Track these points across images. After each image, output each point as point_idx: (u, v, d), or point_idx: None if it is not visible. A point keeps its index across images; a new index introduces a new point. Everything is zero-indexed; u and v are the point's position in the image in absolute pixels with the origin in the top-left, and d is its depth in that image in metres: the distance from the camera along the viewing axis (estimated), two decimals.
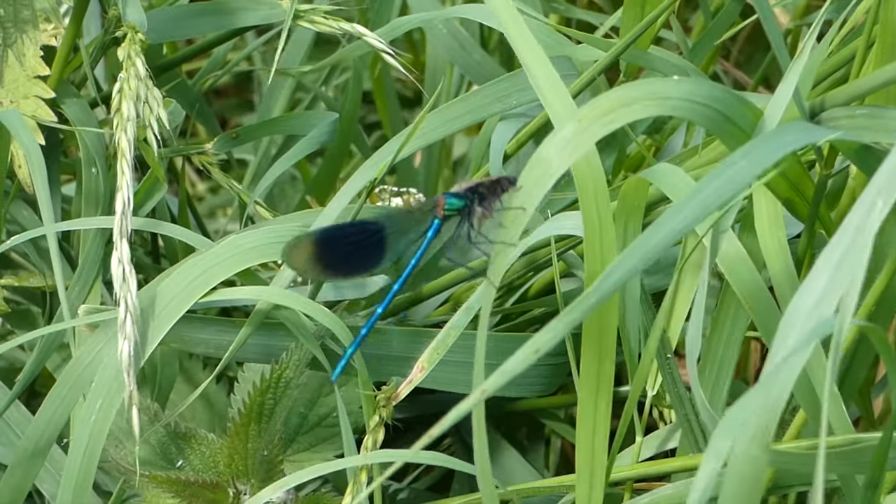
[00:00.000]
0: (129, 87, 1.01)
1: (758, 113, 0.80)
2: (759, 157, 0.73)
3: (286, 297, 0.97)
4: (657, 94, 0.76)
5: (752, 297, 0.84)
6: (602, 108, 0.76)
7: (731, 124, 0.80)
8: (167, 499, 1.02)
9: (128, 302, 0.95)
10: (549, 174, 0.76)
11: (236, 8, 1.14)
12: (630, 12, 1.01)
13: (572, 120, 0.75)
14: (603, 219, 0.80)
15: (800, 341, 0.65)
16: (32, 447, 0.98)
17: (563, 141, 0.76)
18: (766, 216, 0.84)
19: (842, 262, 0.66)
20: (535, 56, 0.85)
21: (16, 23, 1.08)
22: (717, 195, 0.72)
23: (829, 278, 0.66)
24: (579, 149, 0.75)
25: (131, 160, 0.98)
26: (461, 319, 0.96)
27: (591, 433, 0.84)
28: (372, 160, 1.01)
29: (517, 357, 0.70)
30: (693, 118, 0.78)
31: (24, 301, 1.23)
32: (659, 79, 0.77)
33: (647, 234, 0.72)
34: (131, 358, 0.94)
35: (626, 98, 0.76)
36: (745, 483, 0.67)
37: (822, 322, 0.65)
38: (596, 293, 0.71)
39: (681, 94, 0.77)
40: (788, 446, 0.88)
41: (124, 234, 0.96)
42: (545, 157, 0.76)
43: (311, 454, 1.08)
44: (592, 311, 0.72)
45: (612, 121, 0.75)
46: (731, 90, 0.80)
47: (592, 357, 0.83)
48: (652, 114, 0.76)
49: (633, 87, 0.76)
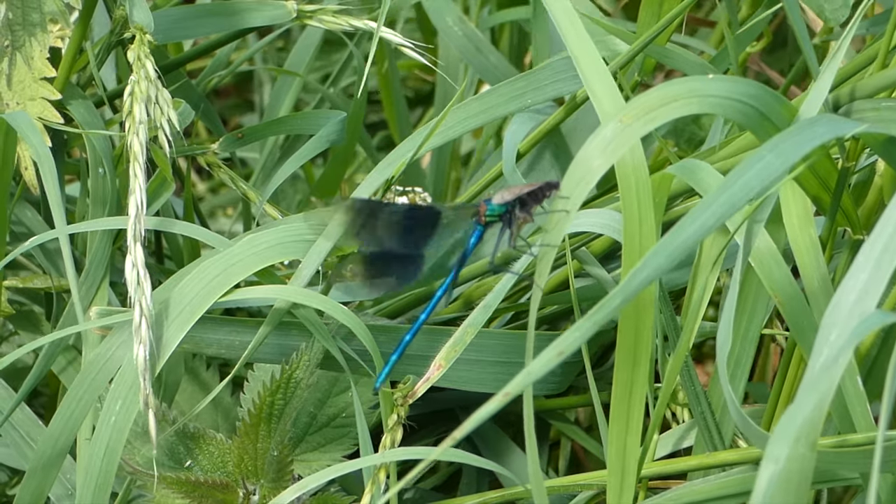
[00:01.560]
0: (139, 90, 1.01)
1: (793, 110, 0.80)
2: (787, 150, 0.73)
3: (307, 297, 0.97)
4: (697, 92, 0.76)
5: (781, 291, 0.84)
6: (643, 107, 0.76)
7: (767, 121, 0.80)
8: (176, 499, 1.02)
9: (143, 305, 0.94)
10: (591, 173, 0.76)
11: (242, 9, 1.14)
12: (647, 9, 1.01)
13: (614, 120, 0.75)
14: (644, 216, 0.80)
15: (843, 338, 0.65)
16: (49, 452, 0.98)
17: (605, 141, 0.76)
18: (796, 212, 0.84)
19: (882, 257, 0.66)
20: (586, 52, 0.84)
21: (24, 25, 1.08)
22: (745, 190, 0.72)
23: (870, 274, 0.66)
24: (621, 148, 0.75)
25: (143, 163, 0.98)
26: (479, 317, 0.96)
27: (624, 432, 0.83)
28: (388, 160, 1.01)
29: (542, 358, 0.69)
30: (731, 115, 0.78)
31: (27, 302, 1.23)
32: (698, 77, 0.77)
33: (673, 232, 0.72)
34: (147, 362, 0.93)
35: (666, 96, 0.76)
36: (794, 482, 0.66)
37: (865, 319, 0.65)
38: (622, 293, 0.71)
39: (720, 91, 0.77)
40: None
41: (138, 237, 0.96)
42: (587, 157, 0.76)
43: (319, 454, 1.08)
44: (629, 310, 0.72)
45: (652, 119, 0.75)
46: (768, 88, 0.80)
47: (627, 356, 0.82)
48: (692, 112, 0.76)
49: (673, 86, 0.77)
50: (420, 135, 1.00)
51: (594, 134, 0.77)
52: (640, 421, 0.83)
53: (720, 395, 0.98)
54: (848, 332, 0.66)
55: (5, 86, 1.08)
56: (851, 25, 0.83)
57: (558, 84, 1.08)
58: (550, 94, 1.07)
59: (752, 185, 0.72)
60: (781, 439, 0.64)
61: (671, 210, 1.00)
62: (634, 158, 0.79)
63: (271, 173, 1.37)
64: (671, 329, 0.94)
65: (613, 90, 0.85)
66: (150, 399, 0.94)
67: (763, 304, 0.95)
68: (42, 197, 1.16)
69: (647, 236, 0.80)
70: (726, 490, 0.93)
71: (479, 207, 0.93)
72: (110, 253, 1.09)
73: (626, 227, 0.80)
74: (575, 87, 1.08)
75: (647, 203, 0.80)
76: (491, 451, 1.18)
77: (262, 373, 1.08)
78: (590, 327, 0.70)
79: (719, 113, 0.78)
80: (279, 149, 1.38)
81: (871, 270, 0.66)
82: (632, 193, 0.80)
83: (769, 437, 0.65)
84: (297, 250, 0.98)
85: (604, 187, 1.15)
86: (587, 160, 0.77)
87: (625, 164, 0.80)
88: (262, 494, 1.02)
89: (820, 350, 0.67)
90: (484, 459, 0.93)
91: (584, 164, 0.77)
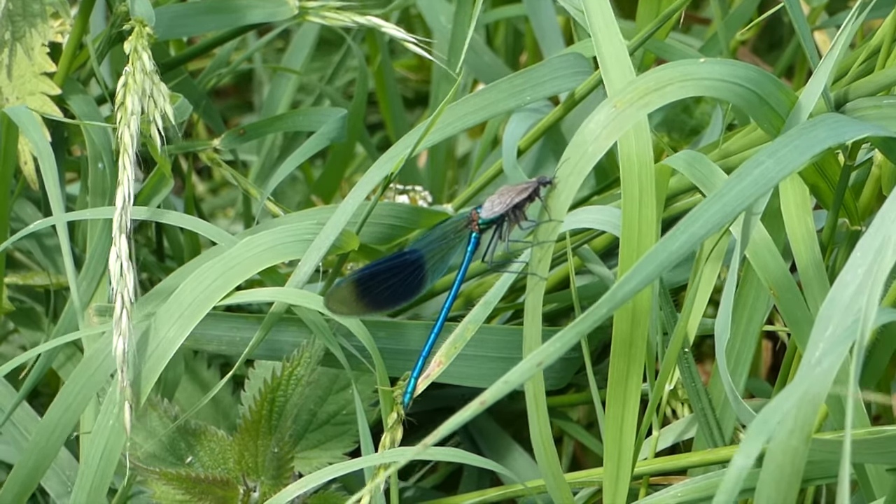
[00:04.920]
0: (134, 81, 1.01)
1: (792, 97, 0.80)
2: (786, 156, 0.73)
3: (306, 298, 0.97)
4: (692, 76, 0.76)
5: (777, 284, 0.84)
6: (637, 91, 0.75)
7: (766, 106, 0.79)
8: (177, 495, 1.02)
9: (124, 297, 0.94)
10: (586, 159, 0.76)
11: (243, 5, 1.14)
12: (646, 4, 1.01)
13: (607, 105, 0.75)
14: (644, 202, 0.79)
15: (838, 334, 0.64)
16: (43, 443, 0.98)
17: (599, 125, 0.75)
18: (794, 201, 0.84)
19: (879, 254, 0.65)
20: (609, 34, 0.83)
21: (25, 16, 1.08)
22: (741, 198, 0.72)
23: (867, 270, 0.66)
24: (615, 133, 0.75)
25: (133, 155, 0.98)
26: (479, 314, 0.96)
27: (619, 430, 0.83)
28: (386, 156, 1.01)
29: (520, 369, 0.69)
30: (729, 98, 0.78)
31: (27, 300, 1.22)
32: (692, 60, 0.77)
33: (670, 235, 0.71)
34: (125, 354, 0.93)
35: (660, 80, 0.76)
36: (784, 475, 0.66)
37: (862, 316, 0.65)
38: (620, 291, 0.71)
39: (716, 74, 0.77)
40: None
41: (124, 229, 0.96)
42: (581, 142, 0.76)
43: (320, 451, 1.08)
44: (624, 308, 0.72)
45: (647, 104, 0.75)
46: (766, 72, 0.79)
47: (622, 354, 0.82)
48: (688, 94, 0.75)
49: (667, 69, 0.76)
50: (418, 132, 1.00)
51: (588, 119, 0.76)
52: (636, 410, 0.83)
53: (720, 393, 0.98)
54: (844, 327, 0.65)
55: (6, 79, 1.08)
56: (852, 15, 0.83)
57: (557, 81, 1.08)
58: (549, 90, 1.06)
59: (749, 193, 0.72)
60: (756, 436, 0.64)
61: (669, 207, 1.00)
62: (639, 143, 0.79)
63: (270, 174, 1.37)
64: (671, 325, 0.94)
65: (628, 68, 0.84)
66: (128, 391, 0.94)
67: (763, 301, 0.95)
68: (42, 193, 1.16)
69: (647, 227, 0.80)
70: None
71: (471, 216, 0.93)
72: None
73: (625, 214, 0.80)
74: (573, 84, 1.08)
75: (650, 189, 0.80)
76: (491, 450, 1.18)
77: (262, 370, 1.08)
78: (589, 323, 0.70)
79: (717, 96, 0.77)
80: (277, 149, 1.38)
81: (869, 264, 0.66)
82: (634, 179, 0.79)
83: (747, 433, 0.65)
84: (296, 250, 0.98)
85: (603, 183, 1.15)
86: (582, 145, 0.76)
87: (628, 149, 0.79)
88: (263, 491, 1.02)
89: (815, 344, 0.66)
90: (484, 458, 0.93)
91: (578, 149, 0.76)
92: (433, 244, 0.94)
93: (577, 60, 1.08)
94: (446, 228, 0.94)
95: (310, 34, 1.41)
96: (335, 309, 0.94)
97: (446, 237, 0.95)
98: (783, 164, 0.74)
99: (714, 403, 0.96)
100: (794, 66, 1.45)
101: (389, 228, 1.09)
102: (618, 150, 0.79)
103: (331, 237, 0.99)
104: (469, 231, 0.94)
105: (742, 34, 1.21)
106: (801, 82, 1.39)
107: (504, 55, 1.42)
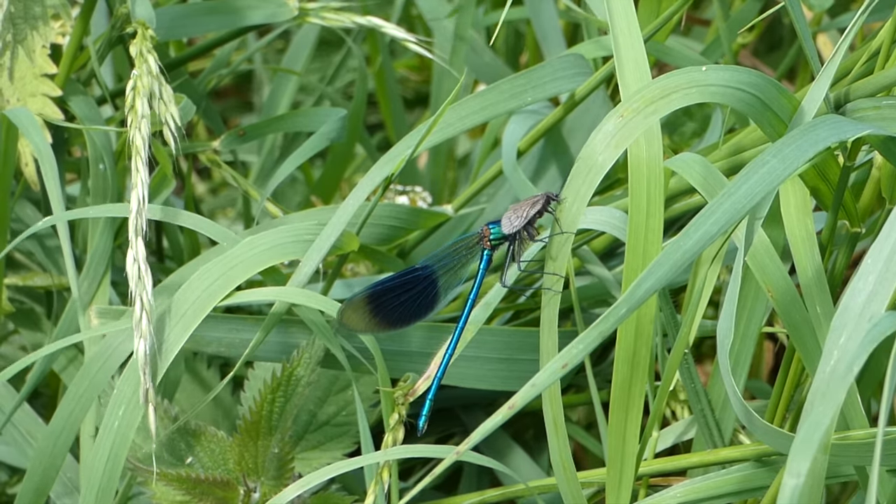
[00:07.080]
0: (142, 84, 1.01)
1: (794, 101, 0.80)
2: (791, 155, 0.73)
3: (308, 298, 0.97)
4: (697, 82, 0.76)
5: (775, 286, 0.84)
6: (644, 100, 0.76)
7: (769, 111, 0.79)
8: (177, 496, 1.02)
9: (143, 300, 0.94)
10: (596, 169, 0.76)
11: (243, 6, 1.14)
12: (646, 6, 1.01)
13: (614, 116, 0.75)
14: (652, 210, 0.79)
15: (853, 341, 0.64)
16: (50, 450, 0.98)
17: (608, 135, 0.75)
18: (794, 203, 0.84)
19: (891, 258, 0.65)
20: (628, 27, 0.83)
21: (26, 18, 1.08)
22: (749, 196, 0.72)
23: (879, 275, 0.66)
24: (624, 142, 0.75)
25: (146, 157, 0.98)
26: (479, 315, 0.96)
27: (622, 436, 0.83)
28: (387, 157, 1.01)
29: (547, 371, 0.70)
30: (734, 104, 0.78)
31: (27, 301, 1.23)
32: (697, 67, 0.77)
33: (677, 241, 0.72)
34: (147, 356, 0.93)
35: (666, 87, 0.76)
36: (808, 485, 0.66)
37: (877, 323, 0.65)
38: (627, 303, 0.71)
39: (721, 80, 0.77)
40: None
41: (140, 231, 0.96)
42: (591, 153, 0.76)
43: (320, 452, 1.08)
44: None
45: (653, 111, 0.75)
46: (769, 77, 0.80)
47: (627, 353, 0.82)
48: (694, 101, 0.76)
49: (673, 77, 0.76)
50: (419, 132, 1.00)
51: (596, 129, 0.77)
52: (640, 415, 0.83)
53: (719, 393, 0.98)
54: (858, 335, 0.65)
55: (7, 81, 1.08)
56: (857, 18, 0.83)
57: (558, 82, 1.08)
58: (550, 91, 1.07)
59: (757, 192, 0.72)
60: (802, 453, 0.64)
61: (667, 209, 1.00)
62: (650, 151, 0.79)
63: (270, 174, 1.37)
64: (671, 327, 0.94)
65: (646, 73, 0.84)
66: (151, 394, 0.94)
67: (763, 302, 0.96)
68: (42, 194, 1.16)
69: (654, 232, 0.80)
70: (726, 487, 0.93)
71: (482, 232, 0.94)
72: (111, 249, 1.09)
73: (631, 221, 0.80)
74: (574, 85, 1.09)
75: (658, 198, 0.80)
76: (491, 450, 1.18)
77: (262, 370, 1.08)
78: (594, 338, 0.71)
79: (722, 101, 0.78)
80: (277, 150, 1.38)
81: (880, 272, 0.66)
82: (642, 188, 0.79)
83: (791, 453, 0.65)
84: (297, 251, 0.98)
85: (603, 184, 1.15)
86: (591, 156, 0.77)
87: (638, 158, 0.79)
88: (263, 492, 1.02)
89: (830, 353, 0.66)
90: (484, 457, 0.93)
91: (587, 161, 0.77)
92: (445, 260, 0.95)
93: (577, 61, 1.08)
94: (458, 245, 0.95)
95: (310, 35, 1.41)
96: (349, 323, 0.95)
97: (458, 253, 0.95)
98: (787, 162, 0.75)
99: (713, 404, 0.96)
100: (795, 67, 1.45)
101: (389, 229, 1.09)
102: (628, 155, 0.80)
103: (331, 238, 0.99)
104: (481, 248, 0.94)
105: (744, 37, 1.21)
106: (802, 84, 1.39)
107: (504, 56, 1.42)
